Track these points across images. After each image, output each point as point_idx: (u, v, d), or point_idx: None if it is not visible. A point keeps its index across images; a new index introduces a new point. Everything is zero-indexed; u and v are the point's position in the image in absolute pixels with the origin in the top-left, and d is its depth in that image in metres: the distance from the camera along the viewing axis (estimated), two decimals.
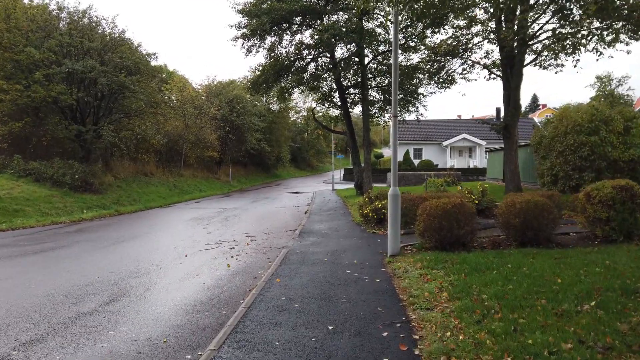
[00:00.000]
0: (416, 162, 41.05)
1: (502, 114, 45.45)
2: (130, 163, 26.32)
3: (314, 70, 22.27)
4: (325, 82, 24.62)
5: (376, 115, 25.67)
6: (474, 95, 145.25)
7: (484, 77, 19.27)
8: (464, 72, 18.18)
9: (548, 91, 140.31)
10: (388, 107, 24.81)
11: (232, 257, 8.46)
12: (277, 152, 45.78)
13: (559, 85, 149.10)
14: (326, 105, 25.91)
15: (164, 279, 6.83)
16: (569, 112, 13.44)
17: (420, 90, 22.50)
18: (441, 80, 19.78)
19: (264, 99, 44.50)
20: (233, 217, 15.19)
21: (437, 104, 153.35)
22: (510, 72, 17.15)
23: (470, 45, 16.73)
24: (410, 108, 24.44)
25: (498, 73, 18.89)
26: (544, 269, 5.91)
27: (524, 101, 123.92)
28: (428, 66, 18.99)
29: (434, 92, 20.40)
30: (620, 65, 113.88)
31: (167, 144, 30.10)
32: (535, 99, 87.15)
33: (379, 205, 11.27)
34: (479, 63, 18.56)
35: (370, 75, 23.12)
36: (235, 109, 34.99)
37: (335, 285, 5.92)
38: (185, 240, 10.38)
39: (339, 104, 24.46)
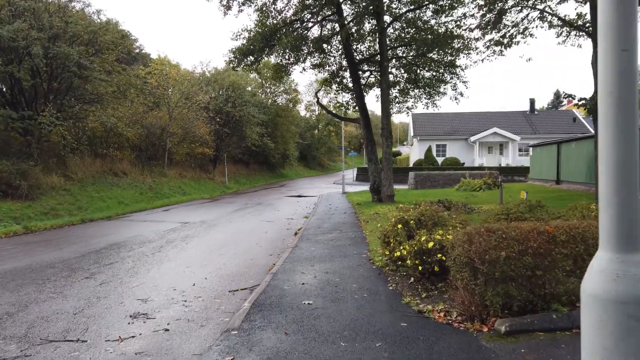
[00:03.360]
0: (439, 160, 34.38)
1: (537, 105, 38.22)
2: (95, 160, 20.44)
3: (318, 35, 16.03)
4: (333, 57, 18.37)
5: (397, 100, 19.26)
6: (496, 88, 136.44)
7: (556, 36, 12.71)
8: (534, 21, 11.72)
9: (571, 86, 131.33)
10: (416, 89, 18.39)
11: None
12: (283, 149, 39.45)
13: (582, 80, 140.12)
14: (334, 87, 19.61)
15: None
16: None
17: (460, 62, 15.95)
18: (493, 41, 13.30)
19: (268, 90, 38.49)
20: (178, 244, 9.06)
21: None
22: None
23: None
24: (441, 89, 18.02)
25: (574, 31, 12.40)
26: None
27: (546, 98, 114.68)
28: (478, 18, 12.53)
29: (479, 62, 13.81)
30: None
31: (147, 138, 24.21)
32: (558, 94, 79.48)
33: (429, 245, 4.93)
34: (551, 13, 12.07)
35: (390, 46, 16.78)
36: (231, 98, 28.85)
37: None
38: None
39: (350, 85, 18.20)
